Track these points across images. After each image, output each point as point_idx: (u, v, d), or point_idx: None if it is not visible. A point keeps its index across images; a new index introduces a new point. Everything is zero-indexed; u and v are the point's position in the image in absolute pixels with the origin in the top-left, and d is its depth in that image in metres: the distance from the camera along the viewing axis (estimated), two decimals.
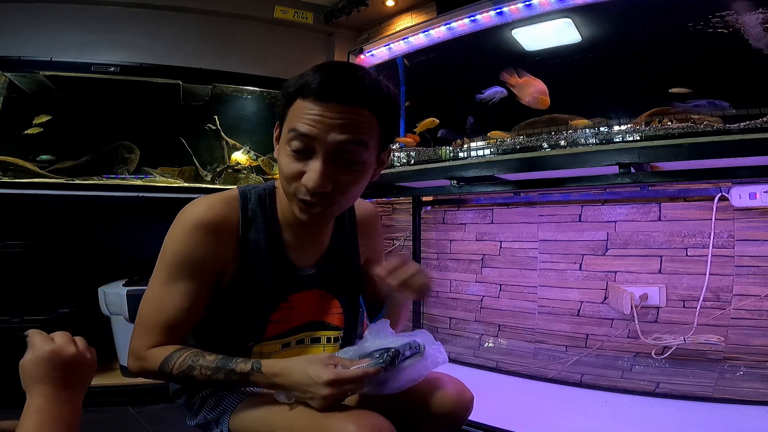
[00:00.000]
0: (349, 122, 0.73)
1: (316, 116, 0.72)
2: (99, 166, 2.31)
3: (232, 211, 0.82)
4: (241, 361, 0.74)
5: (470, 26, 2.00)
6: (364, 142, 0.75)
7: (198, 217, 0.78)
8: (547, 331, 2.09)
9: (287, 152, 0.75)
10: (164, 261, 0.79)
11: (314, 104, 0.72)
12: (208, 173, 2.53)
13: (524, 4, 1.82)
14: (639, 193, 1.89)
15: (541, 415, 1.65)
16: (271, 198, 0.87)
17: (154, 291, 0.79)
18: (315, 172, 0.73)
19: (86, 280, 2.09)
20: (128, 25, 2.53)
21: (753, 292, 1.64)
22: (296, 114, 0.74)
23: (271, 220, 0.85)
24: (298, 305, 0.88)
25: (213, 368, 0.74)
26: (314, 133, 0.72)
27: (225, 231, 0.80)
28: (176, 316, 0.78)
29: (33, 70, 2.18)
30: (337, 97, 0.72)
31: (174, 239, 0.79)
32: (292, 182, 0.76)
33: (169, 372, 0.75)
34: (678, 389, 1.72)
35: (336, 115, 0.72)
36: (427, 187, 2.12)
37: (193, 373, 0.74)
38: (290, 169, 0.75)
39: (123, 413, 1.84)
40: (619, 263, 1.92)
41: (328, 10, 2.88)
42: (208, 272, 0.80)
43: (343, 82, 0.73)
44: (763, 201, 1.59)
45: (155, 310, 0.78)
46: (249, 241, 0.83)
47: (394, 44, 2.26)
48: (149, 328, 0.78)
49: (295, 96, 0.75)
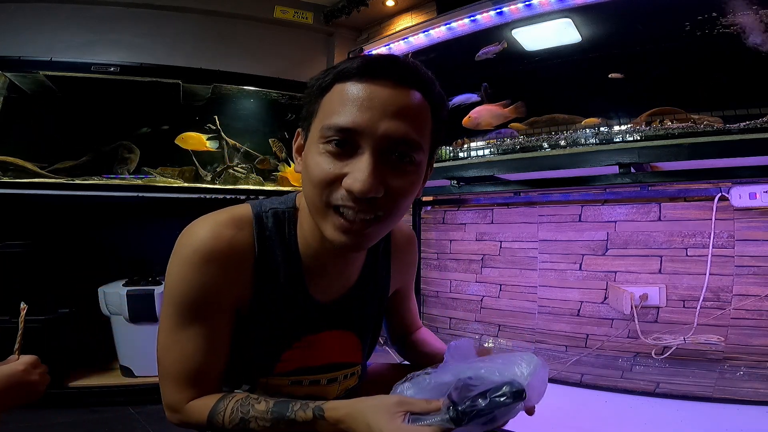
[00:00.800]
0: (404, 107, 0.57)
1: (362, 100, 0.56)
2: (99, 166, 2.31)
3: (246, 236, 0.67)
4: (299, 408, 0.63)
5: (470, 26, 2.00)
6: (421, 135, 0.60)
7: (205, 248, 0.64)
8: (547, 331, 2.09)
9: (319, 152, 0.58)
10: (172, 302, 0.66)
11: (359, 84, 0.57)
12: (208, 173, 2.53)
13: (524, 4, 1.82)
14: (639, 193, 1.89)
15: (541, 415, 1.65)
16: (291, 221, 0.70)
17: (169, 337, 0.67)
18: (362, 171, 0.56)
19: (86, 280, 2.09)
20: (128, 25, 2.53)
21: (753, 292, 1.64)
22: (333, 103, 0.58)
23: (291, 248, 0.70)
24: (315, 346, 0.75)
25: (271, 420, 0.63)
26: (360, 123, 0.56)
27: (238, 261, 0.66)
28: (202, 362, 0.66)
29: (33, 70, 2.17)
30: (387, 72, 0.57)
31: (179, 276, 0.65)
32: (327, 189, 0.58)
33: (221, 425, 0.64)
34: (678, 389, 1.72)
35: (388, 98, 0.56)
36: (427, 186, 2.12)
37: (249, 426, 0.63)
38: (324, 172, 0.57)
39: (123, 413, 1.84)
40: (619, 263, 1.92)
41: (328, 10, 2.88)
42: (225, 307, 0.68)
43: (391, 59, 0.59)
44: (763, 201, 1.59)
45: (177, 359, 0.66)
46: (265, 271, 0.69)
47: (394, 44, 2.26)
48: (178, 380, 0.67)
49: (329, 85, 0.60)
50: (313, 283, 0.71)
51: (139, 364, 2.02)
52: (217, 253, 0.64)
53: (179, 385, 0.67)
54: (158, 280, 1.99)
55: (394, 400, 0.58)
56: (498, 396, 0.55)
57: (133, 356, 2.03)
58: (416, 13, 2.75)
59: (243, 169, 2.60)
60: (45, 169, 2.22)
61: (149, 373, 2.00)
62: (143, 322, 1.95)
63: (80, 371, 2.05)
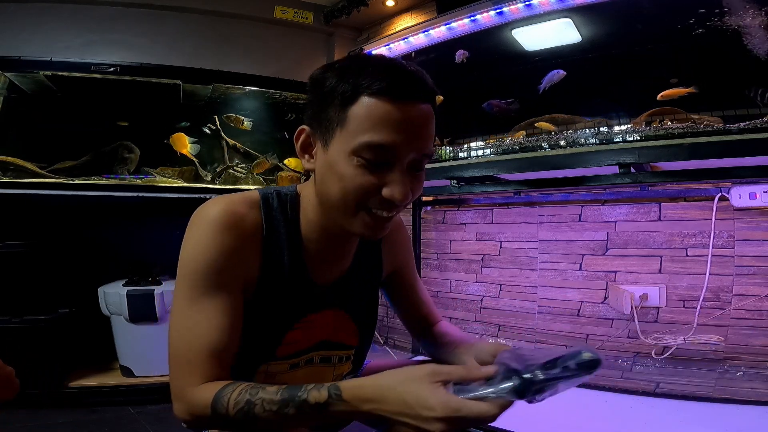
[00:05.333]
0: (428, 126, 0.65)
1: (398, 121, 0.62)
2: (99, 166, 2.31)
3: (255, 214, 0.71)
4: (312, 388, 0.59)
5: (470, 26, 2.01)
6: (432, 144, 0.67)
7: (221, 217, 0.67)
8: (547, 331, 2.09)
9: (354, 164, 0.63)
10: (188, 274, 0.66)
11: (391, 105, 0.62)
12: (208, 173, 2.53)
13: (524, 4, 1.82)
14: (639, 193, 1.89)
15: (541, 415, 1.65)
16: (294, 206, 0.75)
17: (182, 314, 0.65)
18: (402, 184, 0.64)
19: (86, 280, 2.09)
20: (128, 25, 2.53)
21: (753, 292, 1.64)
22: (366, 119, 0.62)
23: (294, 231, 0.74)
24: (313, 325, 0.78)
25: (279, 401, 0.58)
26: (398, 143, 0.62)
27: (250, 235, 0.70)
28: (219, 339, 0.64)
29: (33, 70, 2.17)
30: (415, 94, 0.63)
31: (196, 245, 0.66)
32: (364, 196, 0.65)
33: (224, 413, 0.60)
34: (678, 389, 1.72)
35: (418, 119, 0.63)
36: (427, 186, 2.12)
37: (254, 411, 0.59)
38: (363, 181, 0.63)
39: (123, 413, 1.83)
40: (619, 263, 1.92)
41: (328, 10, 2.88)
42: (238, 280, 0.68)
43: (414, 73, 0.64)
44: (763, 201, 1.59)
45: (191, 337, 0.64)
46: (272, 250, 0.72)
47: (394, 44, 2.26)
48: (190, 360, 0.64)
49: (356, 94, 0.62)
50: (312, 264, 0.76)
51: (139, 364, 2.02)
52: (232, 224, 0.67)
53: (190, 365, 0.63)
54: (158, 280, 1.99)
55: (427, 370, 0.55)
56: (573, 363, 0.50)
57: (133, 356, 2.03)
58: (416, 13, 2.75)
59: (243, 169, 2.60)
60: (45, 169, 2.22)
61: (149, 373, 2.00)
62: (143, 322, 1.95)
63: (80, 371, 2.05)
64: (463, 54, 1.99)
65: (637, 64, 1.78)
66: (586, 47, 1.83)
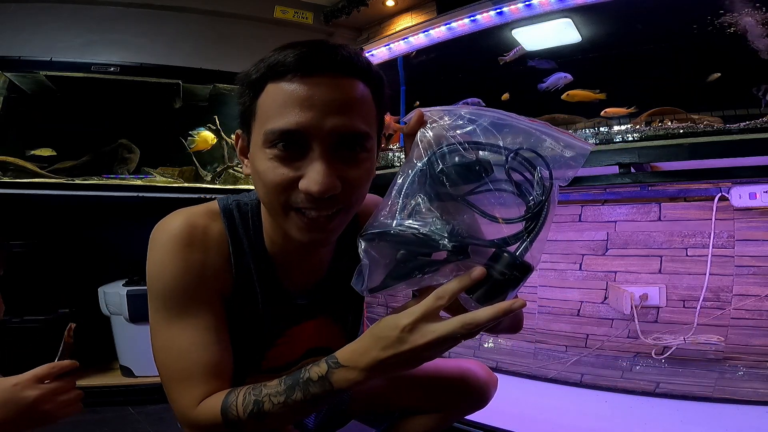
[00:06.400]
0: (348, 99, 0.56)
1: (302, 99, 0.54)
2: (99, 166, 2.31)
3: (219, 227, 0.67)
4: (311, 366, 0.57)
5: (470, 26, 2.01)
6: (369, 123, 0.59)
7: (182, 234, 0.63)
8: (547, 331, 2.09)
9: (267, 157, 0.57)
10: (158, 295, 0.63)
11: (296, 84, 0.55)
12: (208, 173, 2.53)
13: (524, 4, 1.82)
14: (639, 193, 1.89)
15: (541, 415, 1.65)
16: (255, 217, 0.70)
17: (164, 336, 0.63)
18: (318, 172, 0.55)
19: (86, 280, 2.09)
20: (128, 25, 2.53)
21: (753, 292, 1.64)
22: (271, 105, 0.56)
23: (257, 242, 0.69)
24: (295, 339, 0.74)
25: (285, 391, 0.57)
26: (305, 124, 0.54)
27: (216, 248, 0.66)
28: (210, 356, 0.61)
29: (33, 70, 2.18)
30: (324, 66, 0.55)
31: (160, 266, 0.63)
32: (284, 193, 0.58)
33: (236, 419, 0.58)
34: (678, 389, 1.72)
35: (330, 93, 0.55)
36: None
37: (264, 409, 0.57)
38: (278, 176, 0.56)
39: (123, 413, 1.84)
40: (619, 263, 1.92)
41: (328, 10, 2.87)
42: (212, 294, 0.65)
43: (325, 49, 0.56)
44: (763, 201, 1.59)
45: (175, 357, 0.61)
46: (241, 262, 0.68)
47: (394, 44, 2.26)
48: (181, 380, 0.61)
49: (263, 82, 0.57)
50: (284, 275, 0.71)
51: (139, 364, 2.02)
52: (194, 239, 0.63)
53: (183, 385, 0.61)
54: None
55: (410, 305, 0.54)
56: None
57: (133, 356, 2.03)
58: (416, 13, 2.75)
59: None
60: (45, 169, 2.22)
61: (149, 373, 2.00)
62: (143, 322, 1.95)
63: (80, 371, 2.05)
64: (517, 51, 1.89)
65: (637, 64, 1.78)
66: (586, 47, 1.83)
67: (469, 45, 2.06)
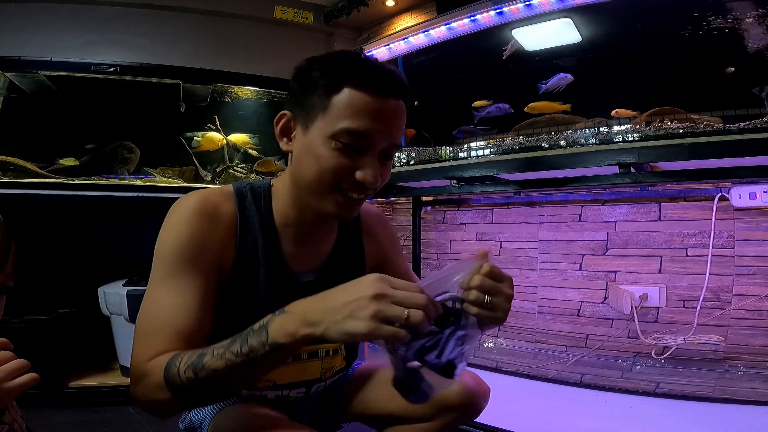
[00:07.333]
0: (401, 121, 0.72)
1: (376, 111, 0.68)
2: (99, 166, 2.31)
3: (230, 205, 0.76)
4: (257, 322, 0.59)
5: (470, 26, 2.00)
6: (402, 136, 0.76)
7: (195, 205, 0.72)
8: (547, 331, 2.09)
9: (332, 147, 0.68)
10: (161, 258, 0.68)
11: (372, 97, 0.68)
12: (208, 173, 2.53)
13: (524, 4, 1.82)
14: (639, 193, 1.89)
15: (541, 415, 1.65)
16: (266, 197, 0.79)
17: (151, 293, 0.67)
18: (374, 168, 0.69)
19: (86, 280, 2.09)
20: (128, 25, 2.53)
21: (753, 292, 1.64)
22: (347, 107, 0.67)
23: (267, 221, 0.78)
24: None
25: (228, 344, 0.58)
26: (374, 131, 0.68)
27: (223, 222, 0.74)
28: (183, 317, 0.64)
29: (33, 70, 2.18)
30: (391, 90, 0.69)
31: (170, 231, 0.70)
32: (337, 177, 0.69)
33: (175, 374, 0.57)
34: (678, 389, 1.72)
35: (393, 111, 0.70)
36: (427, 187, 2.12)
37: (203, 362, 0.57)
38: (339, 163, 0.68)
39: (123, 413, 1.84)
40: (619, 263, 1.92)
41: (328, 10, 2.87)
42: (212, 263, 0.70)
43: (392, 72, 0.71)
44: (763, 201, 1.59)
45: (157, 313, 0.64)
46: (247, 240, 0.75)
47: (394, 44, 2.25)
48: (150, 336, 0.63)
49: (340, 84, 0.68)
50: (289, 253, 0.79)
51: None
52: (205, 209, 0.72)
53: (148, 339, 0.63)
54: None
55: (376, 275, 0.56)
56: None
57: None
58: (416, 13, 2.75)
59: (243, 169, 2.60)
60: (45, 169, 2.22)
61: None
62: None
63: (80, 371, 2.05)
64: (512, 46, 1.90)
65: (637, 64, 1.77)
66: (586, 47, 1.82)
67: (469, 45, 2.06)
